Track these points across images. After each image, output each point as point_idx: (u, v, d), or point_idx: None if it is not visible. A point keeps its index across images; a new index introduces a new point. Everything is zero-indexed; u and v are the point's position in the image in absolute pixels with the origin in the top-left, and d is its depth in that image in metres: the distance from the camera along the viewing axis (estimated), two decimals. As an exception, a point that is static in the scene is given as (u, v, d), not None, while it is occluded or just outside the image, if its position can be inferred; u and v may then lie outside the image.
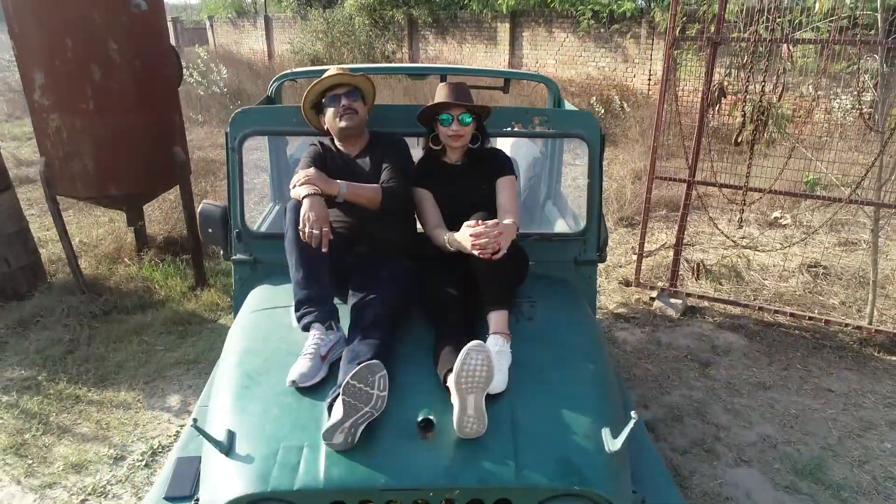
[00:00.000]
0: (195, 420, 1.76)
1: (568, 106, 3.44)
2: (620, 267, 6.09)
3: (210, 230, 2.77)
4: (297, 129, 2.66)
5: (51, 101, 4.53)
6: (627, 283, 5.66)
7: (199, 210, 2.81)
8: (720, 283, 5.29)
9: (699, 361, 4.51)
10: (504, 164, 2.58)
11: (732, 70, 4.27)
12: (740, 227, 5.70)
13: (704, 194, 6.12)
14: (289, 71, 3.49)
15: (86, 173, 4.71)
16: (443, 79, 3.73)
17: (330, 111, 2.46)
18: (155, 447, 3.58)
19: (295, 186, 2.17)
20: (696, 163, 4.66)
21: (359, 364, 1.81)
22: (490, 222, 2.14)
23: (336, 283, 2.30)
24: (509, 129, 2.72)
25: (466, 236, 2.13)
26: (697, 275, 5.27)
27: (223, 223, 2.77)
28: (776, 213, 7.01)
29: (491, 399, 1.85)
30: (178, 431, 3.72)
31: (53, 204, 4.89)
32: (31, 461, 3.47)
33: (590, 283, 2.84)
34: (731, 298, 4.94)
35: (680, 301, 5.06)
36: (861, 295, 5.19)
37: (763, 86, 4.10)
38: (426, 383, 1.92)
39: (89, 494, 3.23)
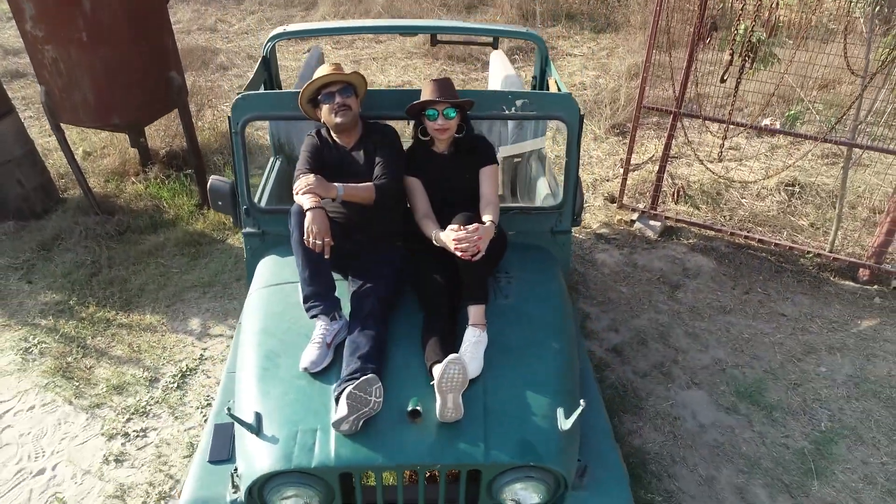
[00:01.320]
0: (229, 409, 2.19)
1: (553, 68, 3.53)
2: (607, 181, 6.35)
3: (220, 203, 3.05)
4: (295, 114, 2.84)
5: (44, 33, 4.53)
6: (612, 200, 5.95)
7: (208, 185, 3.06)
8: (698, 208, 5.58)
9: (670, 284, 4.94)
10: (487, 154, 2.80)
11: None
12: (720, 160, 5.87)
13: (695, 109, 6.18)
14: (282, 31, 3.52)
15: (87, 104, 4.83)
16: (433, 39, 3.75)
17: (325, 107, 2.64)
18: (183, 370, 4.09)
19: (298, 193, 2.43)
20: (682, 95, 4.76)
21: (359, 362, 2.21)
22: (471, 227, 2.43)
23: (338, 268, 2.63)
24: (495, 111, 2.90)
25: (450, 239, 2.43)
26: (677, 198, 5.55)
27: (232, 197, 3.04)
28: (766, 121, 7.11)
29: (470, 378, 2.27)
30: (202, 355, 4.22)
31: (59, 132, 5.04)
32: (77, 383, 4.00)
33: (564, 249, 3.16)
34: (706, 223, 5.27)
35: (659, 223, 5.39)
36: (830, 215, 5.50)
37: (753, 21, 4.12)
38: (415, 368, 2.32)
39: (132, 414, 3.78)
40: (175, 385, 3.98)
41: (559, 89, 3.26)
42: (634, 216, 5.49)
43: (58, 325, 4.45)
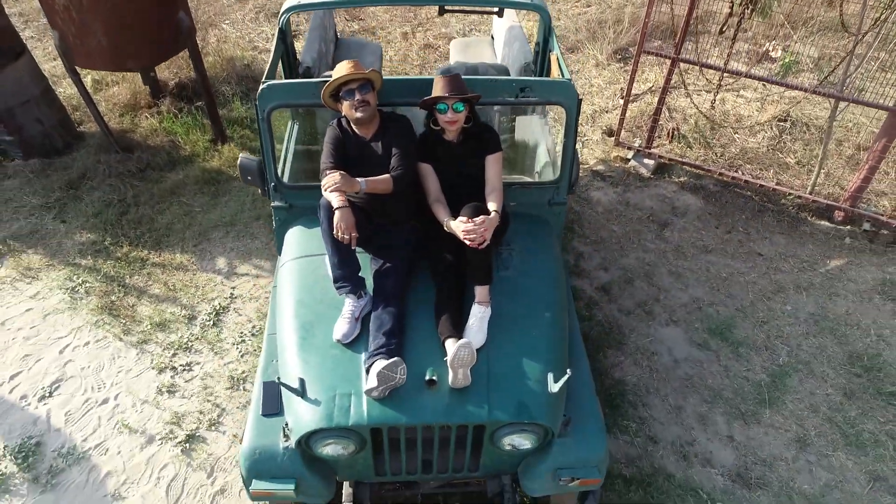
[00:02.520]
0: (278, 378, 2.65)
1: (556, 42, 3.68)
2: (606, 112, 6.53)
3: (249, 178, 3.35)
4: (317, 102, 3.07)
5: (54, -20, 4.58)
6: (610, 133, 6.19)
7: (238, 163, 3.34)
8: (691, 147, 5.82)
9: (658, 223, 5.32)
10: (492, 142, 3.07)
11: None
12: (713, 107, 6.01)
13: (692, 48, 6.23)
14: (296, 3, 3.62)
15: (101, 49, 4.94)
16: (440, 10, 3.84)
17: (346, 103, 2.88)
18: (217, 308, 4.57)
19: (326, 190, 2.75)
20: (682, 42, 4.88)
21: (384, 338, 2.66)
22: (478, 220, 2.77)
23: (360, 243, 2.98)
24: (500, 99, 3.14)
25: (460, 229, 2.78)
26: (671, 138, 5.78)
27: (260, 174, 3.34)
28: (768, 45, 7.15)
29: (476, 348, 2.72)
30: (231, 294, 4.68)
31: (75, 75, 5.19)
32: (123, 321, 4.49)
33: (559, 218, 3.50)
34: (696, 163, 5.55)
35: (653, 161, 5.67)
36: (817, 152, 5.75)
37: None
38: (430, 339, 2.76)
39: (177, 349, 4.31)
40: (211, 322, 4.47)
41: (560, 68, 3.46)
42: (630, 154, 5.76)
43: (97, 265, 4.87)
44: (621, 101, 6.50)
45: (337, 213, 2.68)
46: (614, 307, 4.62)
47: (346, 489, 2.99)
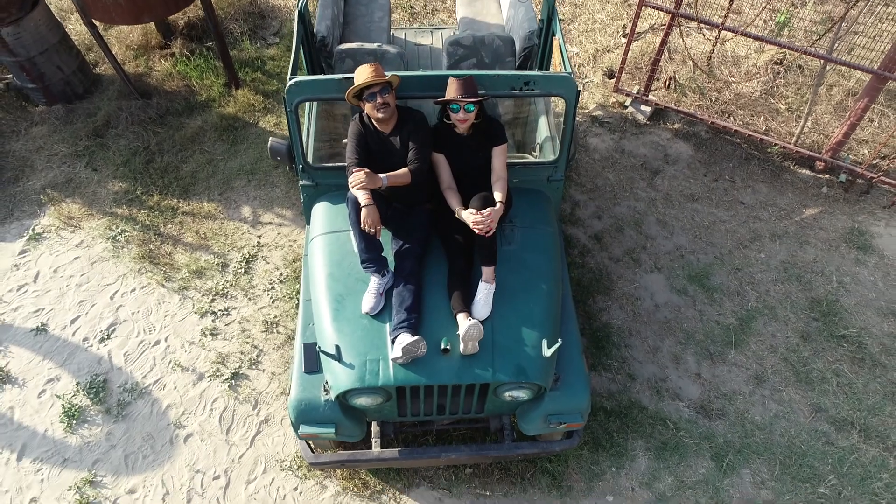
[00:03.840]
0: (319, 347, 3.18)
1: (558, 26, 3.87)
2: (608, 52, 6.68)
3: (278, 158, 3.70)
4: (339, 97, 3.37)
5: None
6: (610, 75, 6.39)
7: (268, 146, 3.68)
8: (686, 95, 6.05)
9: (650, 170, 5.69)
10: (499, 135, 3.40)
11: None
12: (709, 62, 6.12)
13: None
14: None
15: (116, 4, 5.08)
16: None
17: (369, 105, 3.20)
18: (246, 256, 5.06)
19: (353, 187, 3.13)
20: (682, -2, 5.01)
21: (405, 313, 3.17)
22: (486, 211, 3.18)
23: (382, 222, 3.41)
24: (506, 91, 3.43)
25: (470, 219, 3.20)
26: (668, 86, 6.00)
27: (288, 156, 3.69)
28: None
29: (481, 320, 3.23)
30: (258, 242, 5.15)
31: (93, 28, 5.34)
32: (163, 268, 5.00)
33: (557, 192, 3.89)
34: (690, 111, 5.81)
35: (649, 108, 5.94)
36: (807, 97, 5.99)
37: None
38: (443, 310, 3.26)
39: (214, 295, 4.85)
40: (242, 270, 4.98)
41: (562, 57, 3.70)
42: (628, 101, 6.01)
43: (133, 214, 5.31)
44: (623, 40, 6.65)
45: (364, 211, 3.10)
46: (605, 255, 5.11)
47: (374, 427, 3.64)
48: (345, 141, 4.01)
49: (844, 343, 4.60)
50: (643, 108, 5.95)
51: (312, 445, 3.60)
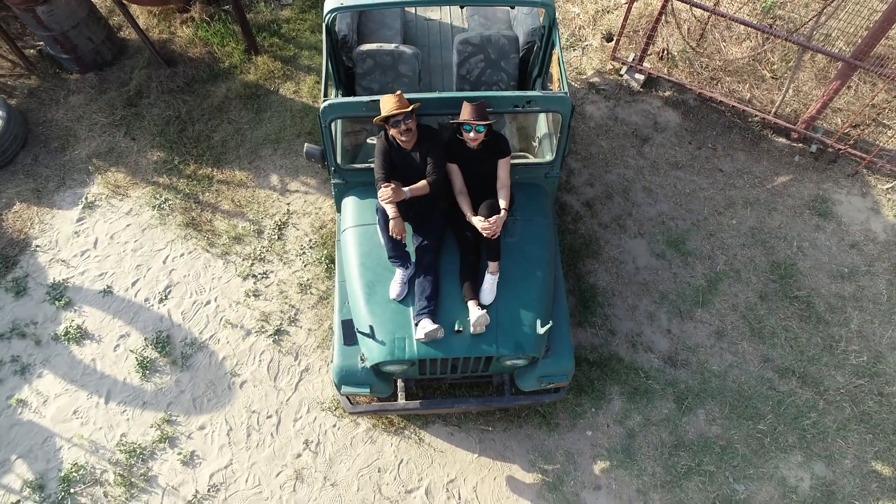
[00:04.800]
0: (349, 320, 3.93)
1: (558, 40, 4.28)
2: (608, 13, 6.98)
3: (313, 159, 4.27)
4: (368, 114, 3.90)
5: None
6: (609, 38, 6.75)
7: (304, 151, 4.24)
8: (677, 66, 6.44)
9: (640, 137, 6.23)
10: (503, 149, 3.96)
11: None
12: (699, 47, 6.40)
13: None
14: (339, 5, 4.12)
15: (147, -12, 5.42)
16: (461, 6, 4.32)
17: (394, 130, 3.76)
18: (279, 223, 5.72)
19: (382, 201, 3.75)
20: (677, -18, 5.33)
21: (426, 301, 3.90)
22: (493, 219, 3.82)
23: (403, 218, 4.06)
24: (510, 109, 3.96)
25: (479, 225, 3.85)
26: (661, 58, 6.38)
27: (322, 158, 4.26)
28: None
29: (485, 307, 3.98)
30: (287, 209, 5.79)
31: (124, 8, 5.69)
32: (206, 234, 5.68)
33: (553, 186, 4.48)
34: (680, 80, 6.25)
35: (643, 76, 6.37)
36: (792, 62, 6.39)
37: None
38: (457, 297, 3.99)
39: (253, 260, 5.56)
40: (276, 236, 5.67)
41: (561, 72, 4.17)
42: (623, 69, 6.43)
43: (173, 183, 5.91)
44: (623, 1, 6.93)
45: (392, 222, 3.77)
46: (595, 222, 5.78)
47: (400, 383, 4.50)
48: (369, 140, 4.57)
49: (796, 302, 5.38)
50: (637, 75, 6.38)
51: (351, 399, 4.47)
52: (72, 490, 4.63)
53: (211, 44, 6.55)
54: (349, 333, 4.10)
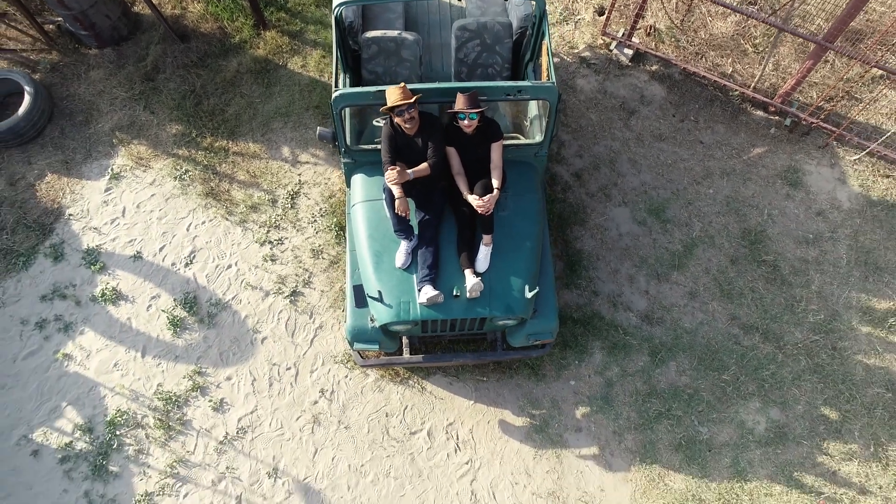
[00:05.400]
0: (359, 286, 4.47)
1: (548, 31, 4.65)
2: (601, -14, 7.26)
3: (324, 140, 4.71)
4: (375, 103, 4.34)
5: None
6: (601, 12, 7.07)
7: (317, 133, 4.68)
8: (663, 42, 6.77)
9: (627, 110, 6.64)
10: (496, 133, 4.41)
11: None
12: (686, 21, 6.68)
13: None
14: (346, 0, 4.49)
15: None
16: None
17: (399, 118, 4.21)
18: (291, 192, 6.21)
19: (388, 182, 4.23)
20: (663, -34, 5.65)
21: (427, 270, 4.44)
22: (486, 198, 4.31)
23: (407, 194, 4.55)
24: (502, 97, 4.39)
25: (474, 203, 4.35)
26: (648, 34, 6.72)
27: (333, 140, 4.70)
28: None
29: (480, 274, 4.51)
30: (299, 179, 6.26)
31: (140, -11, 6.01)
32: (224, 203, 6.17)
33: (542, 164, 4.94)
34: (666, 56, 6.62)
35: (631, 51, 6.74)
36: (772, 39, 6.73)
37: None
38: (454, 265, 4.52)
39: (269, 227, 6.08)
40: (289, 205, 6.17)
41: (549, 62, 4.57)
42: (613, 44, 6.78)
43: (192, 155, 6.36)
44: (615, -25, 7.19)
45: (397, 202, 4.27)
46: (583, 191, 6.26)
47: (404, 340, 5.08)
48: (374, 121, 5.01)
49: (763, 266, 5.93)
50: (626, 50, 6.74)
51: (362, 354, 5.08)
52: (117, 432, 5.28)
53: (221, 19, 6.88)
54: (360, 297, 4.66)
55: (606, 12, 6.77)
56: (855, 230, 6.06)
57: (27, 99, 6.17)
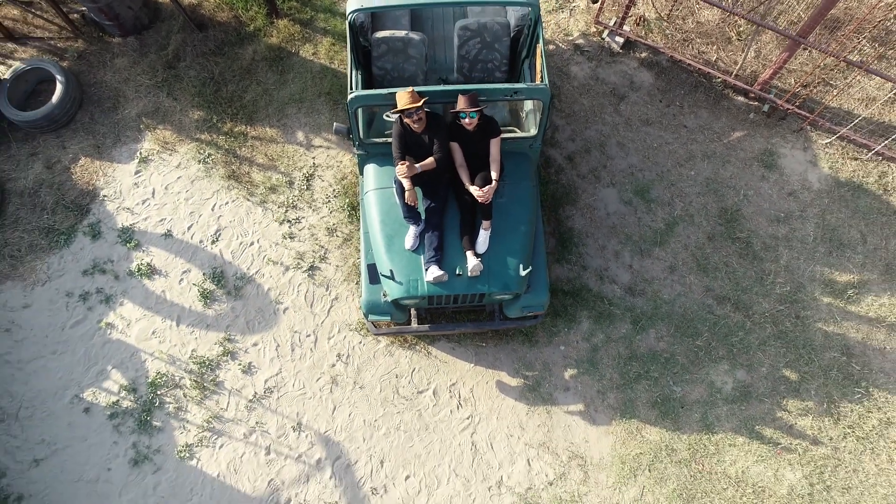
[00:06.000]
0: (373, 265, 5.08)
1: (542, 35, 5.11)
2: (595, -26, 7.63)
3: (340, 134, 5.24)
4: (387, 103, 4.86)
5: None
6: (594, 0, 7.48)
7: (334, 129, 5.21)
8: (651, 32, 7.19)
9: (617, 96, 7.13)
10: (495, 130, 4.94)
11: None
12: (675, 9, 7.06)
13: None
14: (358, 6, 4.92)
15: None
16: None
17: (408, 119, 4.73)
18: (306, 174, 6.76)
19: (399, 175, 4.79)
20: (651, -36, 6.06)
21: (433, 251, 5.04)
22: (486, 188, 4.88)
23: (418, 185, 5.10)
24: (502, 98, 4.90)
25: (475, 193, 4.91)
26: (638, 24, 7.13)
27: (348, 134, 5.23)
28: None
29: (480, 255, 5.11)
30: (313, 162, 6.80)
31: (162, -15, 6.42)
32: (245, 185, 6.73)
33: (536, 154, 5.47)
34: (653, 44, 7.06)
35: (622, 39, 7.18)
36: (755, 28, 7.16)
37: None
38: (457, 247, 5.12)
39: (287, 207, 6.65)
40: (305, 186, 6.72)
41: (542, 66, 5.05)
42: (605, 32, 7.22)
43: (214, 140, 6.89)
44: (609, -36, 7.56)
45: (407, 193, 4.84)
46: (574, 173, 6.81)
47: (413, 312, 5.72)
48: (385, 115, 5.53)
49: (737, 242, 6.53)
50: (617, 38, 7.18)
51: (375, 324, 5.73)
52: (158, 392, 5.97)
53: (236, 8, 7.29)
54: (374, 275, 5.28)
55: (599, 1, 7.17)
56: (822, 209, 6.63)
57: (59, 87, 6.65)
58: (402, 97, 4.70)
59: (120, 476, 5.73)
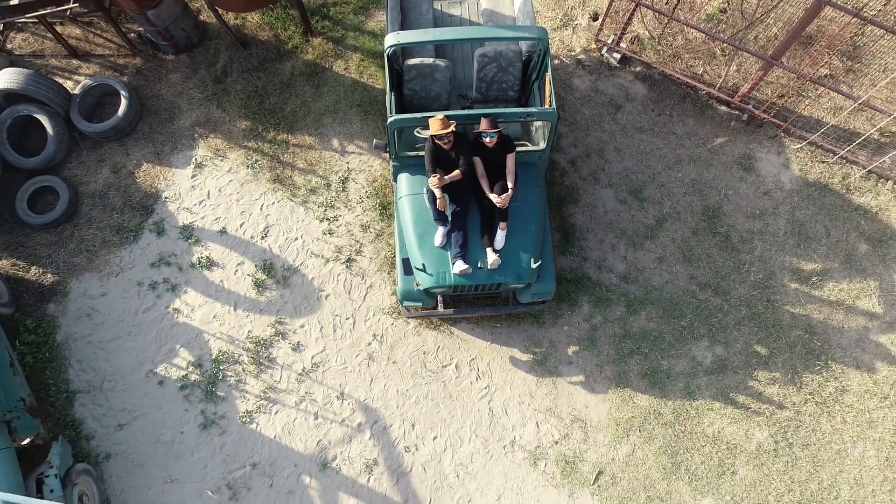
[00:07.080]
0: (407, 258, 6.06)
1: (550, 63, 6.03)
2: (595, -6, 8.52)
3: (379, 150, 6.20)
4: (420, 124, 5.81)
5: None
6: (595, 17, 8.38)
7: (373, 144, 6.16)
8: (645, 50, 8.10)
9: (615, 106, 8.06)
10: (510, 146, 5.89)
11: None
12: (667, 28, 7.94)
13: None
14: (395, 41, 5.84)
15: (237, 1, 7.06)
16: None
17: (439, 141, 5.70)
18: (342, 178, 7.72)
19: (432, 186, 5.75)
20: (644, -5, 6.96)
21: (459, 248, 6.02)
22: (503, 196, 5.84)
23: (447, 191, 6.07)
24: (518, 119, 5.84)
25: (494, 200, 5.89)
26: (633, 42, 8.03)
27: (385, 148, 6.19)
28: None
29: (498, 251, 6.10)
30: (347, 167, 7.76)
31: (216, 12, 7.33)
32: (288, 187, 7.69)
33: (544, 164, 6.43)
34: (647, 60, 7.98)
35: (619, 55, 8.09)
36: (744, 40, 8.08)
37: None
38: (478, 244, 6.09)
39: (326, 207, 7.62)
40: (341, 188, 7.69)
41: (550, 91, 5.99)
42: (604, 49, 8.13)
43: (260, 147, 7.83)
44: (607, -15, 8.43)
45: (438, 200, 5.82)
46: (576, 175, 7.77)
47: (440, 298, 6.74)
48: (416, 132, 6.48)
49: (718, 236, 7.52)
50: (615, 54, 8.09)
51: (408, 309, 6.75)
52: (221, 367, 7.00)
53: (275, 28, 8.18)
54: (407, 268, 6.27)
55: (600, 21, 8.07)
56: (793, 207, 7.61)
57: (123, 101, 7.57)
58: (435, 123, 5.65)
59: (191, 438, 6.78)
